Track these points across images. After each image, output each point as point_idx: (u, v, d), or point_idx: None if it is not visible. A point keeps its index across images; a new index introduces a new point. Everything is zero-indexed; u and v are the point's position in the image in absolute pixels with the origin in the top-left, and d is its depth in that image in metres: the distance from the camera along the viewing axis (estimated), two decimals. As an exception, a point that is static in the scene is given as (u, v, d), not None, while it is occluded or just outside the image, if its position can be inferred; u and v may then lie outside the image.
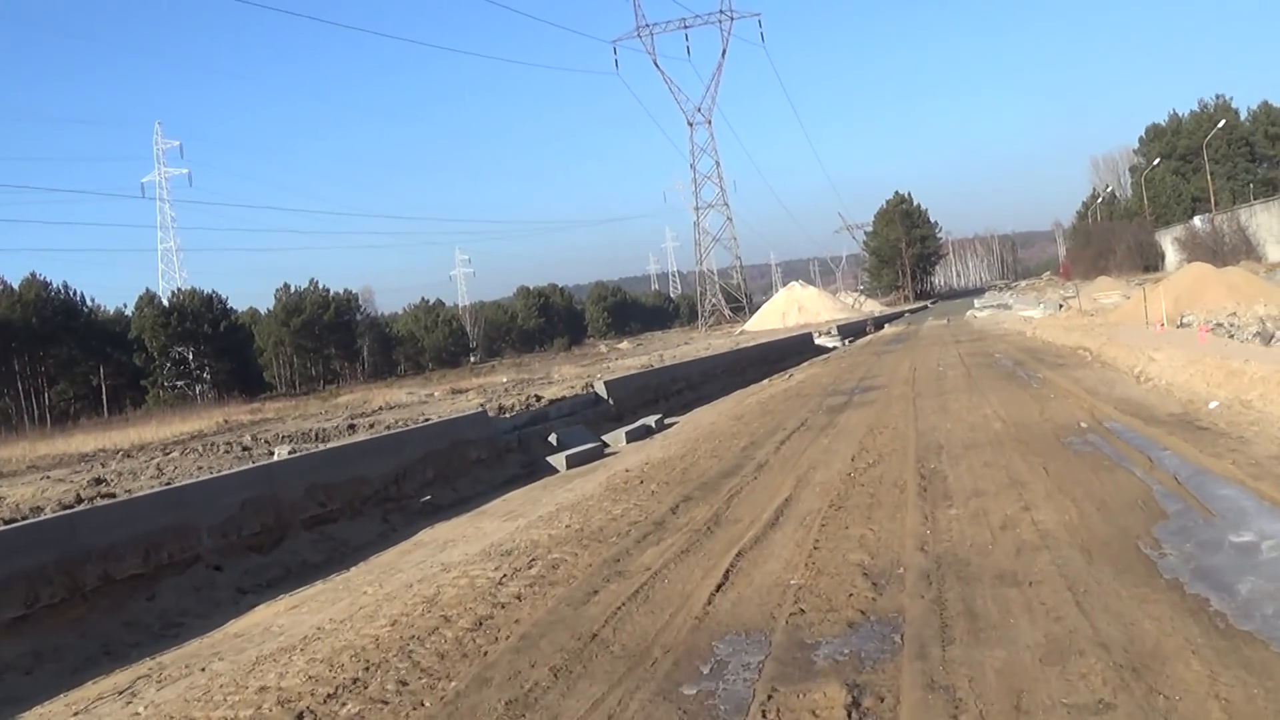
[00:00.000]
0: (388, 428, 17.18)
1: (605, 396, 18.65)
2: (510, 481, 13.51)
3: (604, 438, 16.11)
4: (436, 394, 38.62)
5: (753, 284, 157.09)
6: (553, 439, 15.25)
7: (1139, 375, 14.12)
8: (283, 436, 17.95)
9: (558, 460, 13.95)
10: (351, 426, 17.90)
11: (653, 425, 17.06)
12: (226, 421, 35.98)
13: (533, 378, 43.87)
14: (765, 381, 25.26)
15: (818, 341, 41.29)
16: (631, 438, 16.02)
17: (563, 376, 40.93)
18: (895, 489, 8.62)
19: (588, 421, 17.43)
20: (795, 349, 36.01)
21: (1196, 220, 62.64)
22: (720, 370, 26.14)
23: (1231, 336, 15.89)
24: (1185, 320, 19.56)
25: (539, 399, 16.66)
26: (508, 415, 15.47)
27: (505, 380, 45.89)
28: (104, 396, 58.67)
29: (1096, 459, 8.84)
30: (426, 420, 15.87)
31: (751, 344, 38.53)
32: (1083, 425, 10.79)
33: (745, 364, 28.61)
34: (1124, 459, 8.69)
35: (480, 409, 15.39)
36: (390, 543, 10.83)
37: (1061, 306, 39.54)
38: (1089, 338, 21.61)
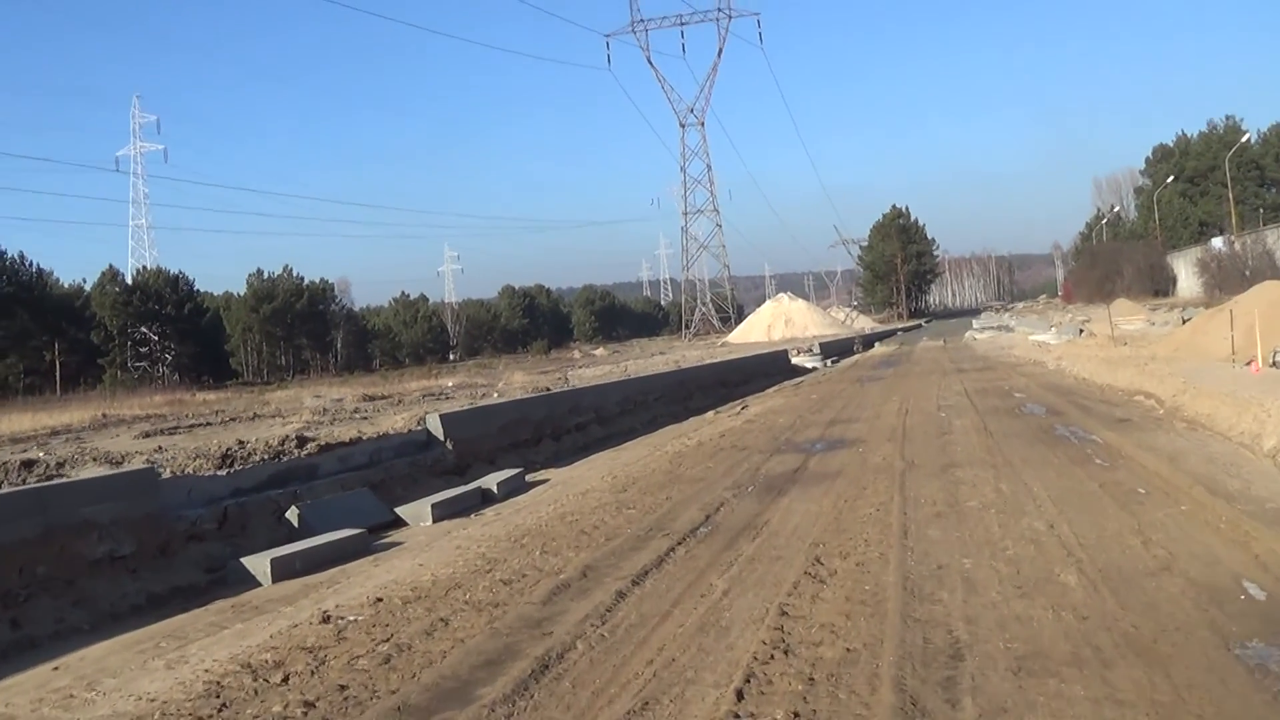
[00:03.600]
0: (54, 468, 10.98)
1: (441, 438, 12.42)
2: (157, 604, 7.35)
3: (401, 510, 9.96)
4: (348, 399, 32.83)
5: (746, 295, 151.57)
6: (293, 516, 9.05)
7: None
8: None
9: (259, 565, 7.74)
10: (28, 463, 11.47)
11: (495, 490, 10.88)
12: (104, 416, 30.41)
13: (476, 384, 38.44)
14: (710, 414, 19.06)
15: (794, 360, 35.01)
16: (443, 513, 9.85)
17: (508, 385, 35.14)
18: None
19: (401, 479, 11.26)
20: (764, 369, 29.69)
21: (1216, 241, 56.96)
22: (654, 396, 19.82)
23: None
24: (1279, 358, 13.67)
25: (302, 443, 10.43)
26: (225, 473, 9.23)
27: (451, 384, 40.06)
28: (58, 373, 53.41)
29: None
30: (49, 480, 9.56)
31: (713, 360, 32.32)
32: (1254, 592, 4.73)
33: (693, 387, 22.31)
34: None
35: (147, 465, 9.18)
36: None
37: (1082, 332, 33.49)
38: (1146, 377, 15.60)
